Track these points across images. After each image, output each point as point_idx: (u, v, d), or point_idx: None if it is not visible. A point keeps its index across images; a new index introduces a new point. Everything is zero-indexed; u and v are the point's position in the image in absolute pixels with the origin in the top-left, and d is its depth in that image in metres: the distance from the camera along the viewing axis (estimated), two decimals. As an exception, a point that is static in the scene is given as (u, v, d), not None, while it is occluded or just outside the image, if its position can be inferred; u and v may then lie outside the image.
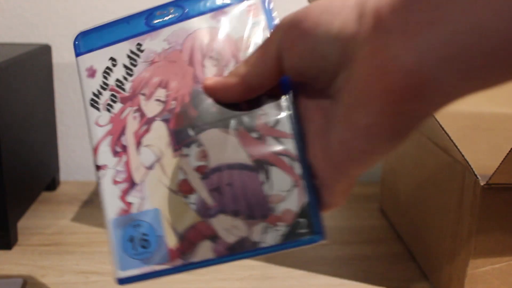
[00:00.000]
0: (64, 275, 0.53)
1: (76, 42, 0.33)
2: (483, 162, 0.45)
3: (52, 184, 0.74)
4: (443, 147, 0.49)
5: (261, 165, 0.30)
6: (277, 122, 0.30)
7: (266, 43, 0.28)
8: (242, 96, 0.30)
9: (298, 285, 0.52)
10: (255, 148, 0.30)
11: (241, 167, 0.30)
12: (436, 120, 0.46)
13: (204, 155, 0.31)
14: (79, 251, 0.58)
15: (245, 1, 0.32)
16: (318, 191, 0.30)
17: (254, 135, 0.30)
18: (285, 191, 0.30)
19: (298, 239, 0.29)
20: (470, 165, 0.44)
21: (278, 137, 0.30)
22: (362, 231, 0.65)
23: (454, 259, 0.47)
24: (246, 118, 0.31)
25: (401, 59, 0.22)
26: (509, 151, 0.39)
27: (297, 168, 0.30)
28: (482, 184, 0.43)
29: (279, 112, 0.30)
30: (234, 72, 0.30)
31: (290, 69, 0.28)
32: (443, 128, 0.45)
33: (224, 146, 0.31)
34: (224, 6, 0.32)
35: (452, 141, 0.44)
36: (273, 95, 0.30)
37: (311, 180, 0.30)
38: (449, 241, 0.48)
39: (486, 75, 0.21)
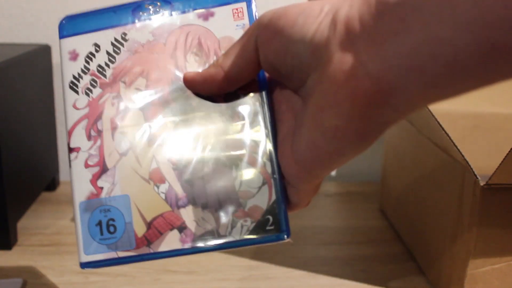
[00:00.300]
0: (64, 275, 0.53)
1: (61, 25, 0.33)
2: (483, 162, 0.45)
3: (52, 184, 0.74)
4: (443, 147, 0.49)
5: (234, 161, 0.31)
6: (252, 121, 0.31)
7: (246, 36, 0.29)
8: (222, 87, 0.31)
9: (298, 285, 0.52)
10: (230, 144, 0.31)
11: (214, 161, 0.31)
12: (436, 120, 0.46)
13: (178, 146, 0.31)
14: (79, 251, 0.58)
15: (231, 4, 0.33)
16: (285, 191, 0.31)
17: (229, 131, 0.31)
18: (255, 188, 0.31)
19: (264, 235, 0.30)
20: (470, 165, 0.44)
21: (251, 135, 0.31)
22: (362, 231, 0.65)
23: (454, 259, 0.47)
24: (223, 113, 0.32)
25: (367, 66, 0.23)
26: (509, 151, 0.39)
27: (268, 167, 0.31)
28: (482, 184, 0.43)
29: (255, 112, 0.31)
30: (214, 63, 0.31)
31: (265, 63, 0.29)
32: (443, 128, 0.45)
33: (199, 140, 0.31)
34: (210, 7, 0.33)
35: (452, 141, 0.44)
36: (250, 95, 0.32)
37: (281, 180, 0.31)
38: (449, 241, 0.48)
39: (449, 84, 0.22)
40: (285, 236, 0.30)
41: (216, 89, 0.31)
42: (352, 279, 0.53)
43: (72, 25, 0.33)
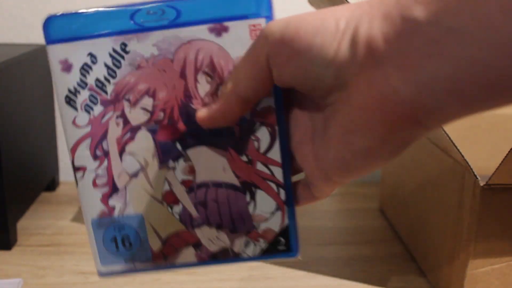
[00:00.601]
0: (64, 275, 0.53)
1: (47, 27, 0.29)
2: (483, 162, 0.45)
3: (52, 184, 0.74)
4: (443, 147, 0.49)
5: (248, 187, 0.31)
6: (268, 149, 0.31)
7: (254, 53, 0.27)
8: (240, 114, 0.29)
9: (297, 286, 0.52)
10: (244, 170, 0.31)
11: (228, 186, 0.31)
12: (436, 120, 0.45)
13: (191, 171, 0.31)
14: (79, 251, 0.58)
15: (249, 19, 0.29)
16: (305, 188, 0.31)
17: (244, 158, 0.31)
18: (269, 213, 0.31)
19: (276, 254, 0.32)
20: (470, 166, 0.44)
21: (267, 164, 0.31)
22: (362, 232, 0.64)
23: (454, 260, 0.47)
24: (237, 141, 0.30)
25: (399, 92, 0.22)
26: (509, 151, 0.39)
27: (282, 194, 0.31)
28: (482, 184, 0.43)
29: (271, 140, 0.30)
30: (225, 91, 0.28)
31: (279, 82, 0.27)
32: (443, 129, 0.45)
33: (212, 165, 0.31)
34: (224, 19, 0.29)
35: (452, 141, 0.44)
36: (265, 119, 0.30)
37: (294, 206, 0.31)
38: (449, 242, 0.48)
39: (484, 104, 0.22)
40: (295, 255, 0.32)
41: (234, 120, 0.29)
42: (352, 279, 0.53)
43: (59, 28, 0.29)
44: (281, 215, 0.31)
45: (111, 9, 0.29)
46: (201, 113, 0.29)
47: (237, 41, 0.29)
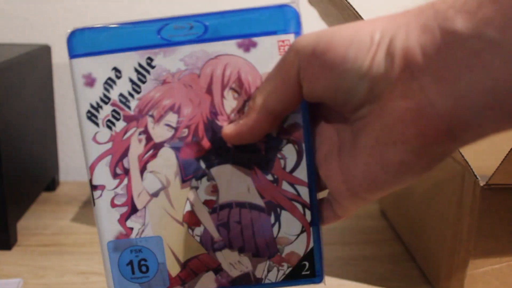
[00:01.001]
0: (64, 275, 0.53)
1: (71, 41, 0.29)
2: (483, 162, 0.45)
3: (52, 184, 0.74)
4: (443, 147, 0.49)
5: (273, 207, 0.30)
6: (295, 168, 0.29)
7: (284, 67, 0.26)
8: (268, 130, 0.28)
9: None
10: (269, 190, 0.30)
11: (252, 207, 0.30)
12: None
13: (214, 190, 0.30)
14: (79, 251, 0.57)
15: (278, 35, 0.28)
16: (328, 206, 0.30)
17: (269, 177, 0.30)
18: (294, 236, 0.30)
19: (299, 279, 0.30)
20: (469, 166, 0.44)
21: (293, 183, 0.30)
22: (362, 232, 0.64)
23: (454, 260, 0.47)
24: (263, 159, 0.29)
25: (436, 104, 0.22)
26: (509, 151, 0.39)
27: (308, 216, 0.30)
28: (481, 184, 0.43)
29: (297, 158, 0.29)
30: (253, 106, 0.27)
31: (309, 97, 0.26)
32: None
33: (237, 184, 0.30)
34: (253, 35, 0.29)
35: (452, 141, 0.44)
36: (292, 137, 0.29)
37: (319, 228, 0.30)
38: (449, 242, 0.48)
39: None
40: (320, 280, 0.30)
41: (261, 136, 0.28)
42: (352, 279, 0.53)
43: (84, 42, 0.29)
44: (307, 238, 0.30)
45: (137, 23, 0.29)
46: (227, 129, 0.28)
47: (265, 56, 0.28)
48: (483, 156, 0.47)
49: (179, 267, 0.30)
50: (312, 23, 0.41)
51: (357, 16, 0.43)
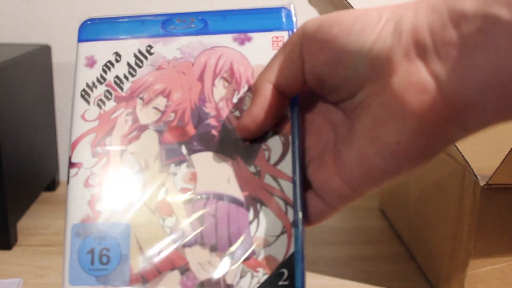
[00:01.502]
0: (64, 275, 0.53)
1: (82, 28, 0.31)
2: (483, 162, 0.45)
3: (52, 184, 0.74)
4: (443, 147, 0.49)
5: (252, 202, 0.28)
6: (279, 160, 0.28)
7: (289, 44, 0.26)
8: (277, 108, 0.27)
9: (298, 285, 0.52)
10: (250, 182, 0.28)
11: (230, 200, 0.28)
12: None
13: (192, 178, 0.28)
14: (79, 251, 0.57)
15: (272, 31, 0.30)
16: (317, 202, 0.28)
17: (252, 169, 0.28)
18: (273, 236, 0.27)
19: None
20: (470, 166, 0.44)
21: (277, 177, 0.28)
22: (362, 231, 0.64)
23: (454, 259, 0.47)
24: (246, 148, 0.28)
25: (441, 80, 0.21)
26: (509, 151, 0.39)
27: (290, 214, 0.27)
28: (482, 184, 0.43)
29: (283, 151, 0.28)
30: (257, 80, 0.27)
31: (310, 75, 0.26)
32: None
33: (216, 174, 0.28)
34: (249, 31, 0.30)
35: (452, 141, 0.44)
36: (279, 128, 0.28)
37: (303, 230, 0.27)
38: (449, 241, 0.48)
39: None
40: None
41: (273, 114, 0.27)
42: (352, 279, 0.53)
43: (93, 29, 0.31)
44: (287, 241, 0.27)
45: (144, 16, 0.31)
46: (240, 121, 0.28)
47: (258, 50, 0.30)
48: (483, 156, 0.47)
49: (143, 262, 0.27)
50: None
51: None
